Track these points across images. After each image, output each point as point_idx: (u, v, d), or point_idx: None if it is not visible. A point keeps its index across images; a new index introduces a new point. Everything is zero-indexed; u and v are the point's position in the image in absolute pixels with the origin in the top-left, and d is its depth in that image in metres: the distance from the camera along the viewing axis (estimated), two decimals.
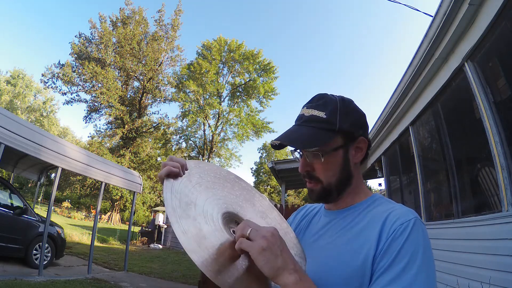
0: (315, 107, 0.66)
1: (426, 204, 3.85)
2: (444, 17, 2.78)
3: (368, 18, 77.79)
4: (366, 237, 0.58)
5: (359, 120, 0.68)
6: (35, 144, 4.83)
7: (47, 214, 5.22)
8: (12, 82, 39.29)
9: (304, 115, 0.67)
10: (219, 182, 0.67)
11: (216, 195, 0.63)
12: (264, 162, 38.08)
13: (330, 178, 0.65)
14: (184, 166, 0.60)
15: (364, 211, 0.65)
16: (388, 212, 0.59)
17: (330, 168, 0.65)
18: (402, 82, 4.05)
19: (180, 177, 0.58)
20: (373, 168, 6.51)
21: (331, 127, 0.63)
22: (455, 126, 3.33)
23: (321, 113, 0.64)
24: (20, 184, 26.81)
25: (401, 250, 0.52)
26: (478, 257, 2.46)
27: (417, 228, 0.55)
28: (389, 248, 0.53)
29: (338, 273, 0.58)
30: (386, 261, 0.53)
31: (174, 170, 0.57)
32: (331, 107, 0.65)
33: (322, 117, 0.64)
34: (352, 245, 0.59)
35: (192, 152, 27.14)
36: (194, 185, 0.60)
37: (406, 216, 0.57)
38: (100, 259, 7.68)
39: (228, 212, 0.61)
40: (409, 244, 0.53)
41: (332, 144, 0.64)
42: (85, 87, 20.88)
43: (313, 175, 0.66)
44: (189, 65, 24.86)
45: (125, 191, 19.62)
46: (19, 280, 4.29)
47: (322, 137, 0.62)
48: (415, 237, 0.54)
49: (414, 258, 0.51)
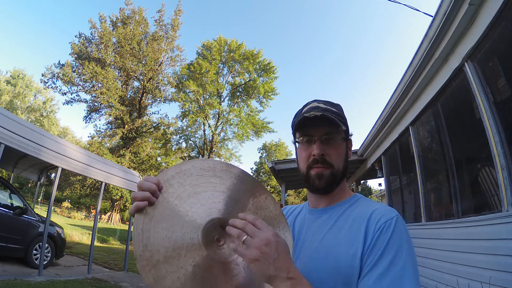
0: (325, 103, 0.75)
1: (426, 204, 3.85)
2: (444, 17, 2.78)
3: (368, 18, 77.81)
4: (353, 234, 0.61)
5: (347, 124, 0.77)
6: (35, 144, 4.82)
7: (47, 214, 5.22)
8: (12, 82, 39.27)
9: (319, 106, 0.73)
10: (204, 182, 0.63)
11: (198, 202, 0.59)
12: (264, 162, 38.06)
13: (339, 164, 0.71)
14: (157, 188, 0.56)
15: (348, 209, 0.69)
16: (372, 210, 0.63)
17: (340, 154, 0.72)
18: (402, 82, 4.05)
19: (153, 206, 0.54)
20: (373, 168, 6.50)
21: (343, 120, 0.71)
22: (455, 126, 3.33)
23: (333, 108, 0.73)
24: (20, 184, 26.81)
25: (387, 245, 0.56)
26: (478, 257, 2.46)
27: (400, 225, 0.59)
28: (375, 245, 0.57)
29: (327, 267, 0.61)
30: (374, 256, 0.56)
31: (141, 205, 0.53)
32: (339, 107, 0.76)
33: (336, 111, 0.72)
34: (340, 241, 0.62)
35: (192, 152, 27.13)
36: (172, 207, 0.56)
37: (389, 214, 0.61)
38: (100, 259, 7.67)
39: (211, 221, 0.59)
40: (394, 240, 0.57)
41: (343, 134, 0.72)
42: (85, 87, 20.86)
43: (326, 160, 0.70)
44: (189, 65, 24.84)
45: (125, 191, 19.62)
46: (19, 280, 4.29)
47: (340, 124, 0.68)
48: (398, 234, 0.58)
49: (400, 253, 0.55)
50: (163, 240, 0.52)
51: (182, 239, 0.54)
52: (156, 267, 0.50)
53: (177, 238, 0.54)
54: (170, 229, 0.54)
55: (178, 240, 0.54)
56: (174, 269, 0.51)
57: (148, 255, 0.50)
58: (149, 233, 0.52)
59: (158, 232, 0.53)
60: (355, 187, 9.63)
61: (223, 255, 0.57)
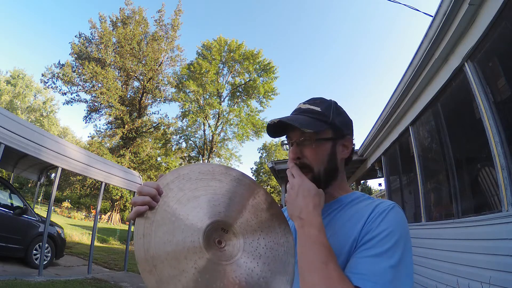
0: (311, 103, 0.73)
1: (426, 204, 3.85)
2: (444, 17, 2.78)
3: (368, 18, 77.77)
4: (352, 225, 0.63)
5: (348, 122, 0.75)
6: (35, 144, 4.82)
7: (47, 214, 5.22)
8: (12, 82, 39.27)
9: (300, 108, 0.74)
10: (203, 185, 0.64)
11: (198, 206, 0.60)
12: (264, 162, 38.05)
13: (319, 165, 0.69)
14: (157, 192, 0.57)
15: (349, 204, 0.70)
16: (374, 204, 0.65)
17: (320, 156, 0.70)
18: (402, 82, 4.05)
19: (154, 210, 0.55)
20: (373, 168, 6.50)
21: (325, 119, 0.70)
22: (455, 126, 3.33)
23: (316, 108, 0.72)
24: (20, 184, 26.81)
25: (381, 223, 0.58)
26: (478, 257, 2.46)
27: (396, 211, 0.61)
28: (371, 225, 0.59)
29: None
30: (369, 234, 0.58)
31: (142, 209, 0.54)
32: (326, 105, 0.73)
33: (318, 110, 0.71)
34: (340, 234, 0.64)
35: (192, 152, 27.13)
36: (172, 211, 0.57)
37: (388, 203, 0.64)
38: (100, 259, 7.67)
39: (212, 223, 0.60)
40: (388, 219, 0.59)
41: (324, 134, 0.70)
42: (85, 87, 20.85)
43: (304, 163, 0.70)
44: (189, 65, 24.84)
45: (125, 191, 19.60)
46: (19, 280, 4.29)
47: (316, 124, 0.68)
48: (393, 217, 0.60)
49: (393, 234, 0.56)
50: (164, 244, 0.53)
51: (183, 242, 0.54)
52: (158, 271, 0.50)
53: (178, 241, 0.54)
54: (171, 233, 0.54)
55: (179, 243, 0.54)
56: (176, 272, 0.51)
57: (150, 259, 0.50)
58: (150, 237, 0.52)
59: (159, 237, 0.53)
60: (355, 187, 9.64)
61: (224, 257, 0.57)
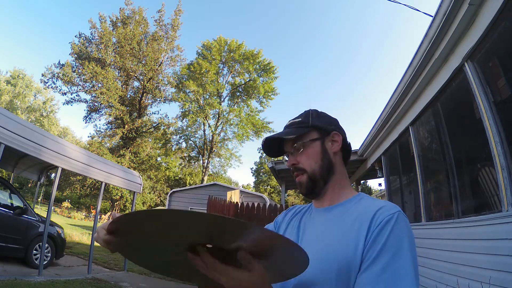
0: (293, 119, 0.83)
1: (426, 204, 3.85)
2: (444, 17, 2.78)
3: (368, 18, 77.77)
4: (355, 231, 0.63)
5: (330, 120, 0.82)
6: (35, 144, 4.82)
7: (47, 214, 5.22)
8: (12, 82, 39.27)
9: (285, 125, 0.84)
10: None
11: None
12: (264, 162, 38.03)
13: (313, 165, 0.75)
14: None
15: (353, 207, 0.70)
16: (377, 208, 0.64)
17: (311, 157, 0.76)
18: (402, 82, 4.05)
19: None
20: (373, 168, 6.50)
21: (305, 124, 0.78)
22: (455, 126, 3.33)
23: (297, 119, 0.81)
24: (20, 184, 26.81)
25: (387, 240, 0.57)
26: (478, 257, 2.46)
27: (401, 220, 0.60)
28: (375, 240, 0.58)
29: (330, 264, 0.61)
30: (372, 252, 0.57)
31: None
32: (305, 113, 0.82)
33: (298, 120, 0.81)
34: (342, 238, 0.63)
35: (192, 152, 27.15)
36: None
37: (391, 210, 0.63)
38: (100, 259, 7.67)
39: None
40: (394, 234, 0.58)
41: (309, 136, 0.77)
42: (85, 87, 20.88)
43: (298, 167, 0.77)
44: (189, 65, 24.85)
45: (125, 191, 19.62)
46: (19, 280, 4.29)
47: (298, 131, 0.77)
48: (399, 228, 0.59)
49: (401, 247, 0.56)
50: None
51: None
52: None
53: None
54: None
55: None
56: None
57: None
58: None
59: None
60: (355, 187, 9.64)
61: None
